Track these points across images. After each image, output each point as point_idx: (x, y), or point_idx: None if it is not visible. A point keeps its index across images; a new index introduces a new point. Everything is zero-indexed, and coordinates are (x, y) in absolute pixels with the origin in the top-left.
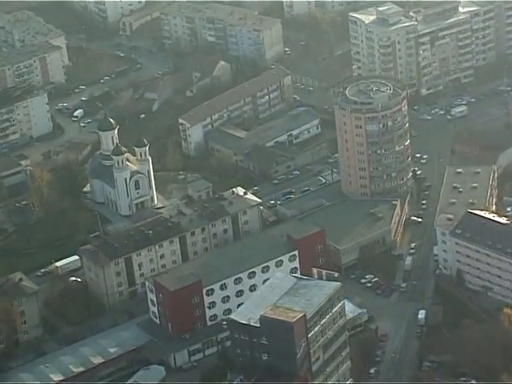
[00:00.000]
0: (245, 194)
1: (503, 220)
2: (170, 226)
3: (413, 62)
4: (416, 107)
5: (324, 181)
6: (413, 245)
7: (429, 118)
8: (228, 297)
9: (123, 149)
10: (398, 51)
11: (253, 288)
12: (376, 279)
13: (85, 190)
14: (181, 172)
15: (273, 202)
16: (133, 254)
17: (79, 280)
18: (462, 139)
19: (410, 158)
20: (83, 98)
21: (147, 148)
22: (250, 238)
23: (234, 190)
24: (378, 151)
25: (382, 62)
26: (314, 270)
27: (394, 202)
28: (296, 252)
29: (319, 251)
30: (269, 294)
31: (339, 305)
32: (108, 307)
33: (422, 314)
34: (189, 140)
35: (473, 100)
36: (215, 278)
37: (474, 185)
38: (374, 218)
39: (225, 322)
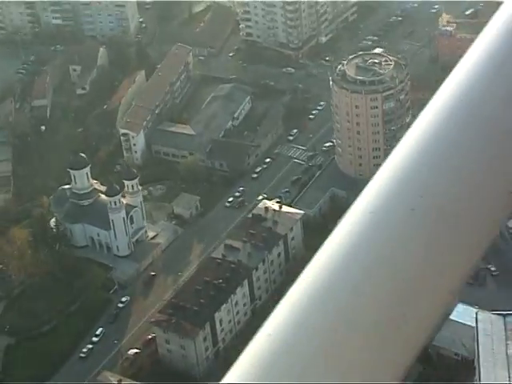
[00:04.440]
0: (280, 207)
1: None
2: (234, 267)
3: (313, 12)
4: (328, 58)
5: (304, 164)
6: None
7: None
8: None
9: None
10: (302, 4)
11: None
12: None
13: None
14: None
15: (278, 200)
16: (215, 313)
17: (139, 351)
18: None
19: None
20: None
21: (137, 179)
22: None
23: (266, 205)
24: (393, 127)
25: (288, 19)
26: None
27: None
28: None
29: None
30: (490, 343)
31: None
32: (199, 378)
33: None
34: (133, 149)
35: (375, 38)
36: None
37: None
38: None
39: None
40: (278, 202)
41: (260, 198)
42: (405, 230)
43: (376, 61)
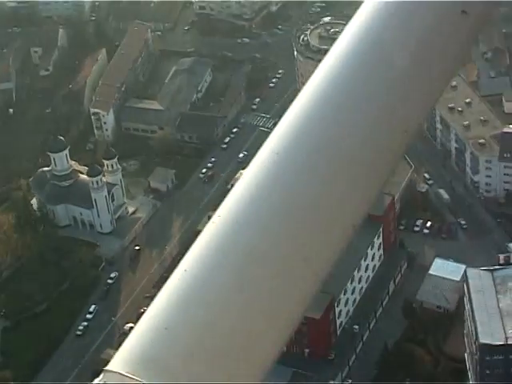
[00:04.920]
0: None
1: None
2: None
3: None
4: (280, 26)
5: (270, 131)
6: (426, 175)
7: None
8: (347, 299)
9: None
10: None
11: (360, 280)
12: (430, 223)
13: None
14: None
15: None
16: None
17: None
18: None
19: None
20: None
21: (116, 158)
22: None
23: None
24: None
25: None
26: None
27: None
28: (381, 228)
29: (392, 218)
30: (482, 298)
31: None
32: None
33: None
34: (104, 127)
35: (323, 5)
36: (338, 284)
37: (467, 100)
38: None
39: (356, 327)
40: None
41: (241, 155)
42: (307, 169)
43: (337, 30)
